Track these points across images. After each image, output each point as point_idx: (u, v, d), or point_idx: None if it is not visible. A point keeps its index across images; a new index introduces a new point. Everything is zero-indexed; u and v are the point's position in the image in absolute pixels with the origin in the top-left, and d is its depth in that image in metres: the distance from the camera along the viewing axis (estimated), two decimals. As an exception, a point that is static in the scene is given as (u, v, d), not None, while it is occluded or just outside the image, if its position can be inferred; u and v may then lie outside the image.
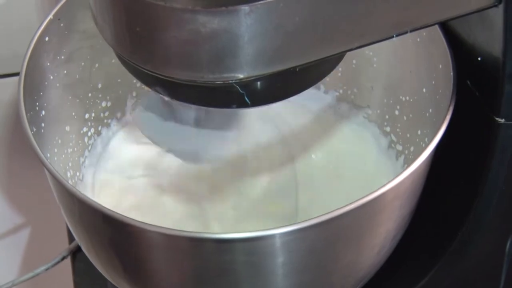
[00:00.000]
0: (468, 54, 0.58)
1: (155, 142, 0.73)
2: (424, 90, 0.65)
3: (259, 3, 0.46)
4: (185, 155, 0.73)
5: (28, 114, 0.59)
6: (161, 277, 0.56)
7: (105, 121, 0.73)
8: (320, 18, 0.48)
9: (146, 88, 0.73)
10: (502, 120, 0.57)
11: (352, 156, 0.73)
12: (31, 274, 0.74)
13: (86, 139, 0.71)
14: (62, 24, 0.65)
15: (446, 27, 0.60)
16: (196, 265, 0.55)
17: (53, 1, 0.66)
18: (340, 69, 0.73)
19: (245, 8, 0.46)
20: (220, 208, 0.70)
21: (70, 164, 0.68)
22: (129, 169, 0.72)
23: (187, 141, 0.74)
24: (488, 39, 0.56)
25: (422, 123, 0.65)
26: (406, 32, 0.52)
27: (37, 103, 0.62)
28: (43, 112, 0.63)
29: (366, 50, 0.69)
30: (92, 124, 0.72)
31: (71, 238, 0.78)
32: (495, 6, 0.53)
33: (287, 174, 0.72)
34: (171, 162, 0.73)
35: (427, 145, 0.55)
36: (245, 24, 0.46)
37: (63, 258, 0.75)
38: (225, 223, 0.69)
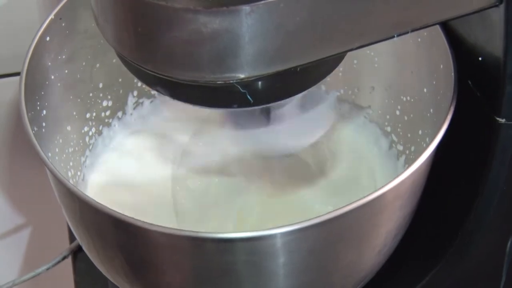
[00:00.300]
0: (469, 54, 0.58)
1: None
2: (425, 90, 0.65)
3: (260, 3, 0.46)
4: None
5: (29, 114, 0.59)
6: (162, 277, 0.56)
7: (106, 120, 0.73)
8: (320, 18, 0.48)
9: (147, 88, 0.73)
10: (503, 120, 0.57)
11: (352, 156, 0.73)
12: (32, 274, 0.74)
13: (87, 138, 0.71)
14: (63, 24, 0.65)
15: (447, 27, 0.60)
16: (197, 265, 0.55)
17: (54, 0, 0.66)
18: (341, 69, 0.73)
19: (246, 8, 0.46)
20: (221, 209, 0.70)
21: (71, 164, 0.68)
22: (130, 169, 0.72)
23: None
24: (489, 39, 0.56)
25: (423, 123, 0.65)
26: (407, 32, 0.52)
27: (38, 103, 0.62)
28: (44, 112, 0.63)
29: (367, 50, 0.68)
30: (93, 123, 0.72)
31: (72, 238, 0.78)
32: (496, 6, 0.53)
33: (287, 174, 0.72)
34: (175, 164, 0.73)
35: (428, 145, 0.55)
36: (246, 24, 0.46)
37: (64, 257, 0.75)
38: (226, 225, 0.69)
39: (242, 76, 0.48)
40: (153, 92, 0.75)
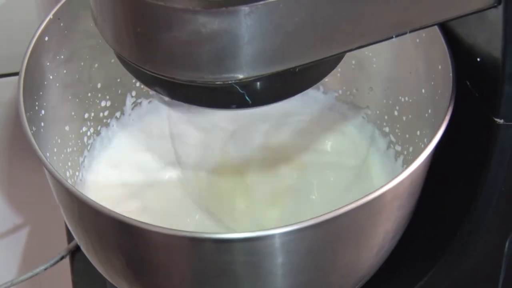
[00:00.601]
0: (467, 54, 0.58)
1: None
2: (423, 90, 0.65)
3: (259, 4, 0.46)
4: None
5: (28, 114, 0.59)
6: (160, 277, 0.56)
7: (104, 121, 0.73)
8: (320, 18, 0.48)
9: (146, 88, 0.73)
10: (501, 121, 0.57)
11: (351, 156, 0.73)
12: (30, 274, 0.74)
13: (85, 138, 0.71)
14: (62, 24, 0.65)
15: (445, 28, 0.60)
16: (196, 265, 0.55)
17: (53, 0, 0.66)
18: (339, 69, 0.73)
19: (245, 8, 0.46)
20: (218, 210, 0.70)
21: (69, 164, 0.68)
22: (129, 169, 0.72)
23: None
24: (487, 39, 0.56)
25: (421, 123, 0.65)
26: (406, 33, 0.52)
27: (37, 103, 0.62)
28: (43, 112, 0.63)
29: (366, 50, 0.68)
30: (92, 123, 0.72)
31: (70, 238, 0.78)
32: (495, 6, 0.53)
33: (287, 174, 0.72)
34: (172, 164, 0.73)
35: (426, 145, 0.55)
36: (245, 25, 0.46)
37: (62, 257, 0.75)
38: (222, 228, 0.69)
39: (241, 76, 0.48)
40: (152, 92, 0.75)
